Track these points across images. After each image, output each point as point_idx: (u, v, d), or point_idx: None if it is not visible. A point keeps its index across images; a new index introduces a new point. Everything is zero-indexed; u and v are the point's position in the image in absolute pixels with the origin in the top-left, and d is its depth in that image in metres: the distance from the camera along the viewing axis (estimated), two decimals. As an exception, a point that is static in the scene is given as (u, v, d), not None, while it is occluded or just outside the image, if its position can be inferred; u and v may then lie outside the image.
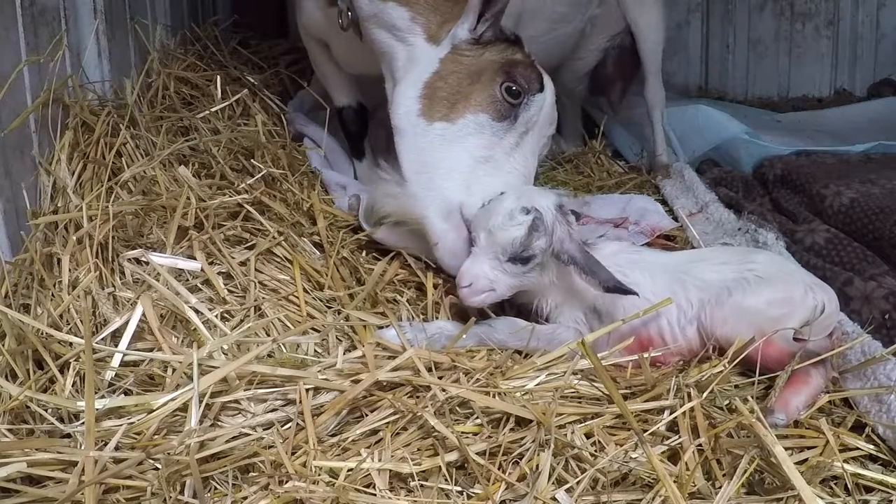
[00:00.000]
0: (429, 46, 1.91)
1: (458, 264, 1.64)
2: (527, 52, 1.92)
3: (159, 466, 1.16)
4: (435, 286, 1.84)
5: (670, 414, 1.35)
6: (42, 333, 1.40)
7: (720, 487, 1.20)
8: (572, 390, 1.43)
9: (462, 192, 1.77)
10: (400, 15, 1.91)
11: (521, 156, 1.87)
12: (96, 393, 1.29)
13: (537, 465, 1.22)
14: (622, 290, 1.53)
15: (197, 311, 1.48)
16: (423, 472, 1.23)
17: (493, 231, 1.55)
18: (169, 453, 1.17)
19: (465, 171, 1.80)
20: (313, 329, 1.59)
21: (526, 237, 1.53)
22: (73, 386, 1.34)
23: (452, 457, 1.25)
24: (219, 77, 2.54)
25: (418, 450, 1.28)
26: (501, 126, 1.83)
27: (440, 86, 1.86)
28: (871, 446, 1.36)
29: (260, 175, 2.06)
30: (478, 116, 1.83)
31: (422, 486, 1.21)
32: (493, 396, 1.36)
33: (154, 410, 1.25)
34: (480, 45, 1.87)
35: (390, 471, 1.22)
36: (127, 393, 1.33)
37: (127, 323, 1.39)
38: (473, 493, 1.22)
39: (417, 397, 1.37)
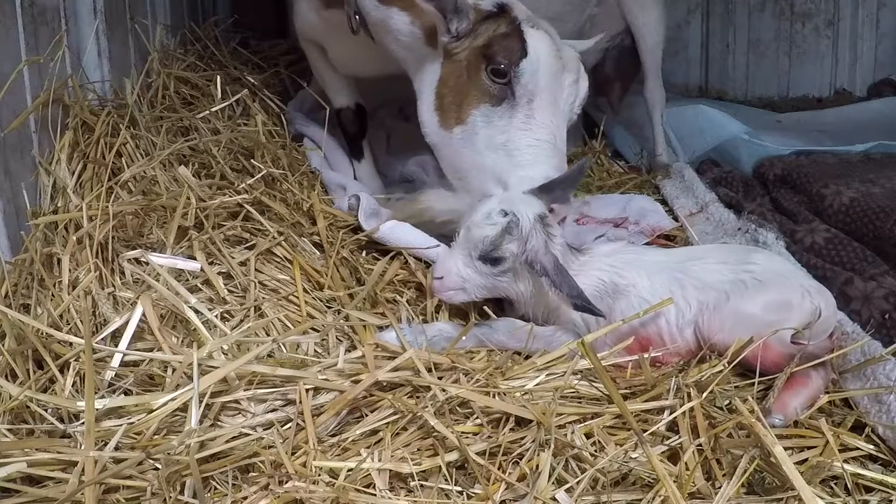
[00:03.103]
0: (430, 51, 1.92)
1: None
2: (513, 17, 1.87)
3: (159, 466, 1.16)
4: (435, 286, 1.84)
5: (670, 414, 1.35)
6: (42, 333, 1.40)
7: (720, 487, 1.20)
8: (572, 390, 1.43)
9: (496, 189, 1.81)
10: (402, 20, 1.92)
11: (537, 124, 1.85)
12: (96, 393, 1.29)
13: (537, 465, 1.22)
14: (591, 310, 1.53)
15: (197, 311, 1.48)
16: (423, 472, 1.23)
17: (469, 228, 1.59)
18: (169, 453, 1.17)
19: (491, 165, 1.84)
20: (313, 329, 1.59)
21: (497, 237, 1.55)
22: (73, 386, 1.34)
23: (452, 457, 1.25)
24: (219, 77, 2.54)
25: (418, 450, 1.28)
26: (503, 108, 1.84)
27: (445, 92, 1.90)
28: (871, 446, 1.36)
29: (260, 175, 2.06)
30: (479, 109, 1.85)
31: (422, 486, 1.21)
32: (493, 396, 1.36)
33: (154, 410, 1.25)
34: (465, 38, 1.86)
35: (390, 471, 1.22)
36: (127, 393, 1.33)
37: (127, 323, 1.39)
38: (473, 493, 1.22)
39: (417, 397, 1.37)
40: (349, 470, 1.21)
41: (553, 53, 1.89)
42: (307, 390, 1.32)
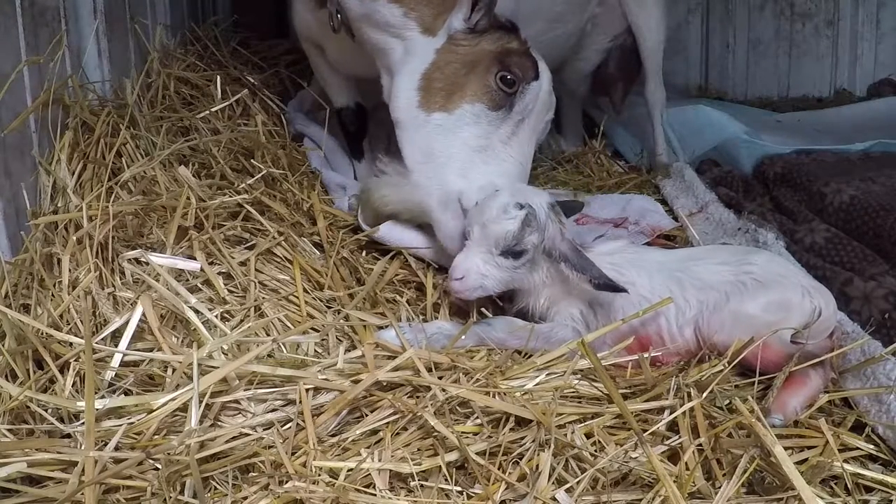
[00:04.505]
0: (425, 38, 1.92)
1: (458, 248, 1.67)
2: (523, 40, 1.93)
3: (159, 466, 1.16)
4: (435, 286, 1.84)
5: (670, 414, 1.35)
6: (42, 333, 1.40)
7: (720, 487, 1.20)
8: (572, 390, 1.43)
9: (460, 181, 1.81)
10: (392, 12, 1.91)
11: (518, 144, 1.89)
12: (96, 393, 1.29)
13: (537, 465, 1.22)
14: (613, 287, 1.54)
15: (197, 311, 1.48)
16: (423, 472, 1.23)
17: (486, 224, 1.58)
18: (169, 453, 1.17)
19: (463, 160, 1.84)
20: (313, 329, 1.59)
21: (519, 231, 1.56)
22: (73, 386, 1.34)
23: (452, 457, 1.25)
24: (219, 77, 2.54)
25: (418, 450, 1.28)
26: (497, 115, 1.86)
27: (437, 76, 1.89)
28: (871, 446, 1.36)
29: (260, 175, 2.06)
30: (474, 106, 1.86)
31: (422, 486, 1.21)
32: (493, 396, 1.36)
33: (154, 410, 1.25)
34: (476, 35, 1.88)
35: (390, 471, 1.22)
36: (127, 393, 1.33)
37: (127, 323, 1.39)
38: (473, 493, 1.22)
39: (417, 397, 1.37)
40: (349, 470, 1.21)
41: (550, 89, 1.96)
42: (307, 390, 1.32)
